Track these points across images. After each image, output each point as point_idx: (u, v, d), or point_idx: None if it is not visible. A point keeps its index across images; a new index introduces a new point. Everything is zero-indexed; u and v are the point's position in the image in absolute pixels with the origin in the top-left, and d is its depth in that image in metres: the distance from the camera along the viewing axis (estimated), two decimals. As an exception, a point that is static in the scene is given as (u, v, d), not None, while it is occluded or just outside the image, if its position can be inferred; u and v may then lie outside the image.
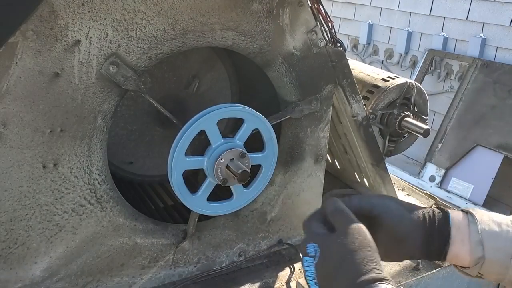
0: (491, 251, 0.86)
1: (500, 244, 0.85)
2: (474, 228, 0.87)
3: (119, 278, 1.18)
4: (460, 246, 0.87)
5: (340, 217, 0.81)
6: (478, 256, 0.86)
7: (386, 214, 0.86)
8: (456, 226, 0.88)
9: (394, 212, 0.86)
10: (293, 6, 1.19)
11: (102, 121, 1.05)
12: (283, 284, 1.28)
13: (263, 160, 1.18)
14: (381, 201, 0.87)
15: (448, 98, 4.54)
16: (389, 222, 0.86)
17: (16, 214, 1.01)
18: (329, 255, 0.78)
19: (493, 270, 0.87)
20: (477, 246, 0.86)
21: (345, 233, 0.78)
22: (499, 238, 0.86)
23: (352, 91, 1.41)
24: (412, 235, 0.87)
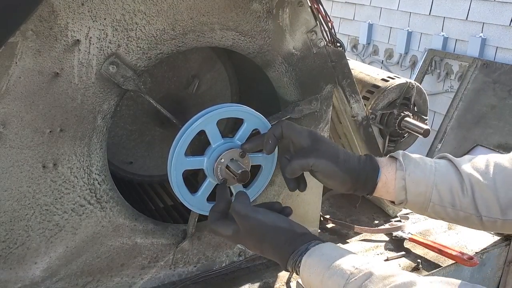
0: (413, 196, 0.99)
1: (421, 189, 0.98)
2: (400, 175, 0.99)
3: (119, 278, 1.18)
4: (384, 193, 1.02)
5: (236, 217, 0.98)
6: (402, 199, 1.00)
7: (321, 174, 1.01)
8: (383, 181, 1.01)
9: (328, 172, 1.00)
10: (293, 6, 1.19)
11: (102, 121, 1.05)
12: (283, 284, 1.28)
13: (263, 160, 1.18)
14: (317, 162, 1.00)
15: (448, 98, 4.54)
16: (321, 179, 1.02)
17: (16, 214, 1.01)
18: (252, 249, 0.99)
19: (414, 209, 1.03)
20: (401, 191, 1.00)
21: (248, 231, 0.96)
22: (421, 184, 0.98)
23: (352, 91, 1.41)
24: (339, 186, 1.03)
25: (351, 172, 1.00)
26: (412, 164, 0.99)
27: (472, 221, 0.97)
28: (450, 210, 0.97)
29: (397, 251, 1.46)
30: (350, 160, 1.01)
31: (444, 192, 0.97)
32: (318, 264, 0.85)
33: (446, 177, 0.98)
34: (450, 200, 0.97)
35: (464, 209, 0.96)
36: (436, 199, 0.97)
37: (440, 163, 1.01)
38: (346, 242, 1.51)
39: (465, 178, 0.96)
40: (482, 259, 1.46)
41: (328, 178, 1.01)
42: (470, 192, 0.95)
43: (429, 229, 1.60)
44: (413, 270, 1.36)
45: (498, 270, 1.54)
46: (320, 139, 1.04)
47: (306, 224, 1.45)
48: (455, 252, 1.39)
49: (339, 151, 1.02)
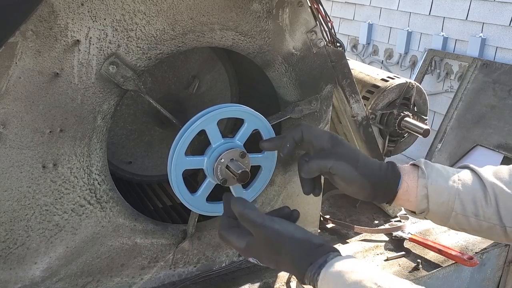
0: (435, 205, 0.97)
1: (444, 199, 0.96)
2: (422, 183, 0.97)
3: (119, 278, 1.18)
4: (404, 202, 1.00)
5: (249, 225, 0.93)
6: (423, 207, 0.98)
7: (339, 178, 0.98)
8: (404, 188, 0.99)
9: (347, 176, 0.97)
10: (293, 6, 1.19)
11: (101, 121, 1.05)
12: (283, 284, 1.28)
13: (263, 160, 1.18)
14: (336, 164, 0.98)
15: (447, 98, 4.54)
16: (339, 183, 1.00)
17: (15, 215, 1.01)
18: (266, 262, 0.93)
19: (435, 219, 1.00)
20: (422, 200, 0.97)
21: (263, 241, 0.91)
22: (443, 193, 0.96)
23: (352, 91, 1.41)
24: (357, 193, 1.00)
25: (371, 177, 0.98)
26: (434, 172, 0.97)
27: (495, 232, 0.95)
28: (473, 220, 0.95)
29: (397, 251, 1.46)
30: (371, 165, 0.99)
31: (467, 202, 0.94)
32: (337, 279, 0.81)
33: (469, 186, 0.95)
34: (473, 210, 0.94)
35: (487, 219, 0.94)
36: (459, 208, 0.95)
37: (462, 172, 0.99)
38: (346, 242, 1.51)
39: (489, 188, 0.94)
40: (482, 259, 1.46)
41: (347, 182, 0.98)
42: (494, 202, 0.93)
43: (429, 229, 1.60)
44: (413, 270, 1.36)
45: (498, 270, 1.54)
46: (341, 143, 1.02)
47: (306, 224, 1.45)
48: (455, 252, 1.39)
49: (359, 155, 1.00)
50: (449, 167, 1.00)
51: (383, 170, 0.99)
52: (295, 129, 1.05)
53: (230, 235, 0.96)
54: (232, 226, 0.97)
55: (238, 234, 0.95)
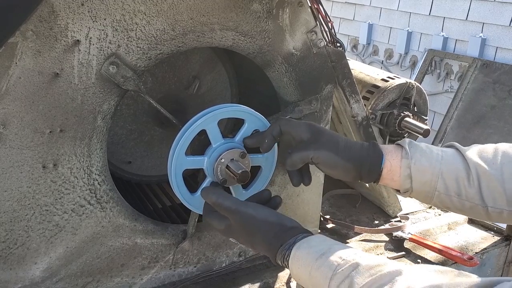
0: (418, 185, 0.98)
1: (426, 178, 0.97)
2: (405, 163, 0.98)
3: (119, 279, 1.18)
4: (389, 181, 1.01)
5: (224, 211, 0.99)
6: (407, 187, 1.00)
7: (322, 165, 1.02)
8: (388, 168, 1.00)
9: (329, 162, 1.01)
10: (293, 6, 1.19)
11: (102, 122, 1.05)
12: (283, 284, 1.28)
13: (263, 161, 1.18)
14: (317, 153, 1.01)
15: (448, 98, 4.54)
16: (324, 170, 1.04)
17: (16, 215, 1.01)
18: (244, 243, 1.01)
19: (419, 198, 1.02)
20: (406, 179, 0.99)
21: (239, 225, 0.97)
22: (426, 173, 0.98)
23: (352, 91, 1.41)
24: (343, 176, 1.03)
25: (354, 160, 1.00)
26: (418, 152, 0.98)
27: (477, 211, 0.96)
28: (455, 199, 0.96)
29: (397, 251, 1.46)
30: (351, 148, 1.01)
31: (450, 181, 0.96)
32: (306, 256, 0.86)
33: (453, 166, 0.96)
34: (455, 189, 0.96)
35: (470, 199, 0.95)
36: (442, 188, 0.96)
37: (447, 151, 1.00)
38: (346, 242, 1.51)
39: (472, 168, 0.95)
40: (482, 259, 1.46)
41: (330, 168, 1.02)
42: (477, 182, 0.94)
43: (429, 229, 1.60)
44: (413, 270, 1.35)
45: (498, 270, 1.54)
46: (319, 131, 1.04)
47: (306, 224, 1.45)
48: (455, 252, 1.39)
49: (339, 140, 1.02)
50: (434, 146, 1.01)
51: (364, 150, 1.01)
52: (274, 124, 1.07)
53: (212, 219, 1.02)
54: (213, 211, 1.03)
55: (218, 218, 1.01)
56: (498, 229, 1.59)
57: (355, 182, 1.79)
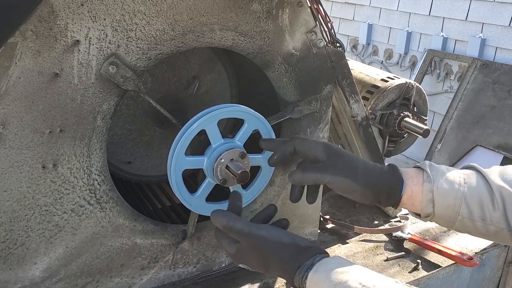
0: (441, 209, 0.96)
1: (449, 202, 0.94)
2: (427, 187, 0.96)
3: (119, 279, 1.18)
4: (409, 206, 0.99)
5: (236, 234, 0.95)
6: (429, 212, 0.97)
7: (339, 190, 0.99)
8: (408, 194, 0.97)
9: (346, 188, 0.98)
10: (293, 6, 1.19)
11: (101, 122, 1.05)
12: (282, 284, 1.28)
13: (262, 161, 1.18)
14: (334, 179, 0.98)
15: (447, 98, 4.54)
16: (339, 193, 1.01)
17: (15, 215, 1.01)
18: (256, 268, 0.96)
19: (441, 222, 0.99)
20: (428, 204, 0.96)
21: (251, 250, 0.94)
22: (449, 197, 0.94)
23: (352, 91, 1.41)
24: (360, 200, 1.00)
25: (372, 186, 0.97)
26: (439, 176, 0.96)
27: (502, 236, 0.93)
28: (479, 224, 0.93)
29: (397, 251, 1.46)
30: (370, 173, 0.98)
31: (473, 206, 0.93)
32: (324, 280, 0.83)
33: (475, 189, 0.94)
34: (480, 214, 0.93)
35: (494, 223, 0.92)
36: (465, 212, 0.94)
37: (468, 174, 0.97)
38: (346, 242, 1.51)
39: (495, 191, 0.92)
40: (482, 260, 1.46)
41: (347, 193, 0.99)
42: (501, 206, 0.91)
43: (429, 229, 1.60)
44: (412, 271, 1.36)
45: (498, 270, 1.54)
46: (337, 153, 1.00)
47: (306, 224, 1.45)
48: (455, 253, 1.39)
49: (358, 165, 0.98)
50: (454, 169, 0.98)
51: (384, 176, 0.98)
52: (288, 142, 1.04)
53: (222, 240, 0.99)
54: (224, 234, 0.99)
55: (229, 240, 0.97)
56: (497, 229, 1.59)
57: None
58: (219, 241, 1.00)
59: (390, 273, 1.34)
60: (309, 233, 1.47)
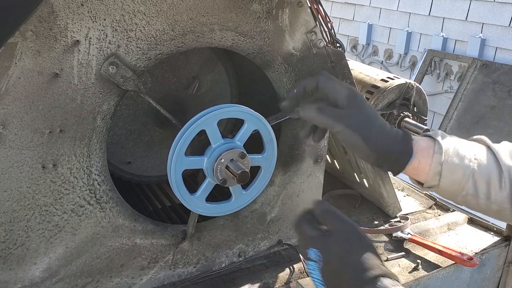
0: (447, 183, 0.93)
1: (457, 177, 0.92)
2: (437, 159, 0.93)
3: (119, 279, 1.18)
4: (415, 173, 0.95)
5: (332, 218, 0.86)
6: (434, 184, 0.94)
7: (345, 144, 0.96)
8: (414, 166, 0.94)
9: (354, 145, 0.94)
10: (293, 6, 1.19)
11: (101, 122, 1.05)
12: (282, 284, 1.28)
13: (262, 161, 1.18)
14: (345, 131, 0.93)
15: (447, 98, 4.54)
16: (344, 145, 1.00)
17: (15, 215, 1.01)
18: (332, 258, 0.81)
19: (444, 195, 0.97)
20: (435, 176, 0.93)
21: (342, 235, 0.82)
22: (458, 172, 0.92)
23: (352, 91, 1.41)
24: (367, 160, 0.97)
25: (380, 151, 0.93)
26: (451, 149, 0.93)
27: (504, 214, 0.93)
28: (483, 202, 0.92)
29: (397, 252, 1.45)
30: (383, 138, 0.93)
31: (481, 183, 0.91)
32: None
33: (485, 167, 0.91)
34: (485, 192, 0.91)
35: (499, 203, 0.91)
36: (471, 189, 0.92)
37: (479, 150, 0.94)
38: (346, 242, 1.51)
39: (505, 171, 0.90)
40: (482, 260, 1.46)
41: (352, 149, 0.97)
42: (508, 186, 0.90)
43: (428, 230, 1.60)
44: (412, 271, 1.36)
45: (498, 270, 1.54)
46: (358, 105, 0.94)
47: (306, 224, 1.45)
48: (455, 253, 1.39)
49: (374, 125, 0.93)
50: (465, 141, 0.96)
51: (395, 146, 0.94)
52: (312, 77, 0.99)
53: (303, 225, 0.87)
54: (309, 220, 0.88)
55: (312, 226, 0.86)
56: (498, 230, 1.59)
57: (355, 183, 1.79)
58: (300, 223, 0.88)
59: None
60: (309, 233, 1.47)
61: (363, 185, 1.73)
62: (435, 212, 1.74)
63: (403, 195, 1.85)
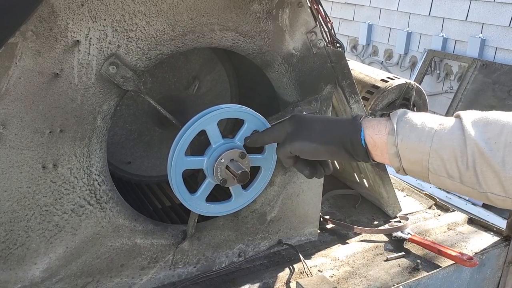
0: (408, 164, 0.89)
1: (416, 157, 0.86)
2: (391, 140, 0.90)
3: (119, 279, 1.18)
4: (381, 158, 0.94)
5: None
6: (397, 165, 0.91)
7: (304, 155, 0.99)
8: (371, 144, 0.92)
9: (308, 151, 0.98)
10: (293, 6, 1.19)
11: (101, 122, 1.05)
12: (282, 284, 1.28)
13: (262, 161, 1.18)
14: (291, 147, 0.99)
15: (447, 98, 4.55)
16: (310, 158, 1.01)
17: (15, 215, 1.01)
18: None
19: (416, 176, 0.91)
20: (394, 158, 0.90)
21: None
22: (415, 150, 0.86)
23: (352, 91, 1.41)
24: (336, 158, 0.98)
25: (331, 140, 0.94)
26: (407, 128, 0.87)
27: (478, 196, 0.83)
28: (449, 182, 0.84)
29: (396, 252, 1.46)
30: (327, 129, 0.96)
31: (441, 162, 0.83)
32: None
33: (446, 142, 0.82)
34: (448, 171, 0.83)
35: (465, 182, 0.82)
36: (433, 168, 0.84)
37: (445, 124, 0.85)
38: (346, 242, 1.51)
39: (468, 146, 0.80)
40: (482, 260, 1.46)
41: (312, 155, 0.99)
42: (472, 164, 0.80)
43: (428, 230, 1.60)
44: (412, 271, 1.36)
45: (498, 270, 1.54)
46: (299, 121, 1.01)
47: (306, 224, 1.45)
48: (455, 253, 1.39)
49: (314, 126, 0.97)
50: (433, 118, 0.88)
51: (342, 128, 0.95)
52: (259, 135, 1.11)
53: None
54: None
55: None
56: (498, 230, 1.59)
57: (355, 182, 1.79)
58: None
59: (390, 273, 1.34)
60: (309, 233, 1.47)
61: (363, 185, 1.73)
62: (435, 212, 1.74)
63: (403, 195, 1.85)
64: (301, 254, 1.36)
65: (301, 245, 1.46)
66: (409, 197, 1.84)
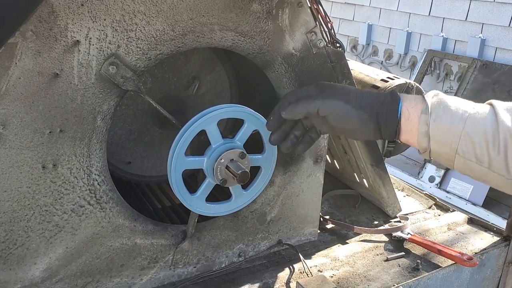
0: (437, 145, 0.87)
1: (447, 138, 0.85)
2: (423, 119, 0.88)
3: (119, 279, 1.18)
4: (409, 136, 0.91)
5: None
6: (424, 146, 0.89)
7: (332, 117, 0.93)
8: (406, 116, 0.90)
9: (339, 112, 0.92)
10: (293, 6, 1.19)
11: (101, 122, 1.05)
12: (282, 284, 1.28)
13: (262, 161, 1.19)
14: (325, 103, 0.93)
15: (447, 98, 4.53)
16: (336, 124, 0.93)
17: (15, 215, 1.01)
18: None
19: (441, 160, 0.90)
20: (423, 137, 0.88)
21: None
22: (447, 132, 0.85)
23: (352, 91, 1.41)
24: (361, 130, 0.93)
25: (367, 108, 0.90)
26: (442, 108, 0.86)
27: (502, 184, 0.83)
28: (476, 166, 0.83)
29: (396, 252, 1.46)
30: (365, 96, 0.92)
31: (472, 145, 0.82)
32: None
33: (480, 127, 0.82)
34: (478, 155, 0.82)
35: (493, 168, 0.81)
36: (462, 151, 0.83)
37: (479, 109, 0.86)
38: (346, 242, 1.51)
39: (501, 132, 0.80)
40: (482, 260, 1.46)
41: (342, 120, 0.92)
42: (503, 151, 0.80)
43: (428, 229, 1.60)
44: (412, 271, 1.36)
45: (498, 270, 1.54)
46: (328, 85, 0.96)
47: (306, 224, 1.45)
48: (455, 253, 1.39)
49: (350, 90, 0.93)
50: (467, 102, 0.89)
51: (380, 96, 0.92)
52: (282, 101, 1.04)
53: None
54: None
55: None
56: (498, 230, 1.59)
57: (355, 183, 1.79)
58: None
59: (390, 273, 1.34)
60: (309, 233, 1.47)
61: (363, 185, 1.73)
62: (435, 212, 1.74)
63: (403, 195, 1.85)
64: (301, 254, 1.36)
65: (301, 245, 1.46)
66: (409, 197, 1.84)
